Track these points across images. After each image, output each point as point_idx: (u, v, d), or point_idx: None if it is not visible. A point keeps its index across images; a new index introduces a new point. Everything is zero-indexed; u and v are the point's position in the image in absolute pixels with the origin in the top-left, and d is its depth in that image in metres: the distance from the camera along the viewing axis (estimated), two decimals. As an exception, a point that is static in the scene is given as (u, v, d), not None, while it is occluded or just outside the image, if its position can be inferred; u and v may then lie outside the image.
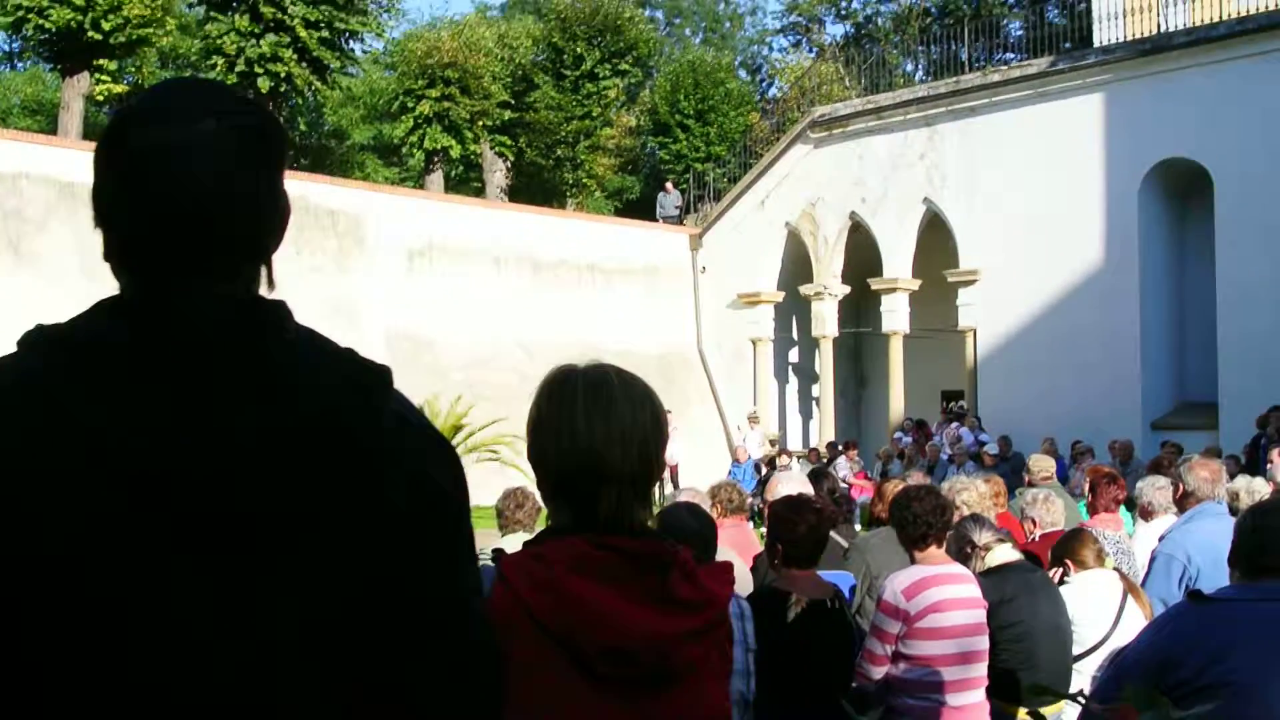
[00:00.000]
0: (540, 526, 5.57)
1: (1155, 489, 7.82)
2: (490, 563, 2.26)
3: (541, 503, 7.18)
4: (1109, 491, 8.02)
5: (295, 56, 27.48)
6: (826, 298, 27.70)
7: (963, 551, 5.58)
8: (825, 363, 28.15)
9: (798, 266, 28.28)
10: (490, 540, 7.16)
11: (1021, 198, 24.00)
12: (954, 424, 23.64)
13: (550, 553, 2.07)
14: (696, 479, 23.77)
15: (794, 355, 30.43)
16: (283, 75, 27.32)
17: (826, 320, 27.80)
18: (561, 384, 2.17)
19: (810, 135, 27.89)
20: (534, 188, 35.65)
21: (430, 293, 25.44)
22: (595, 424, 2.10)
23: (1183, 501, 6.81)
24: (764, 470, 23.88)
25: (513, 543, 6.92)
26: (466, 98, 32.25)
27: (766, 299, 28.81)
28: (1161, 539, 6.52)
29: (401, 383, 1.95)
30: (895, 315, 26.60)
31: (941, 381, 27.46)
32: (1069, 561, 6.10)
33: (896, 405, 26.42)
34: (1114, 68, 23.10)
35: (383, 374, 1.55)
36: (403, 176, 41.93)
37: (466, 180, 38.52)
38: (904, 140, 26.24)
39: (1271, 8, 21.79)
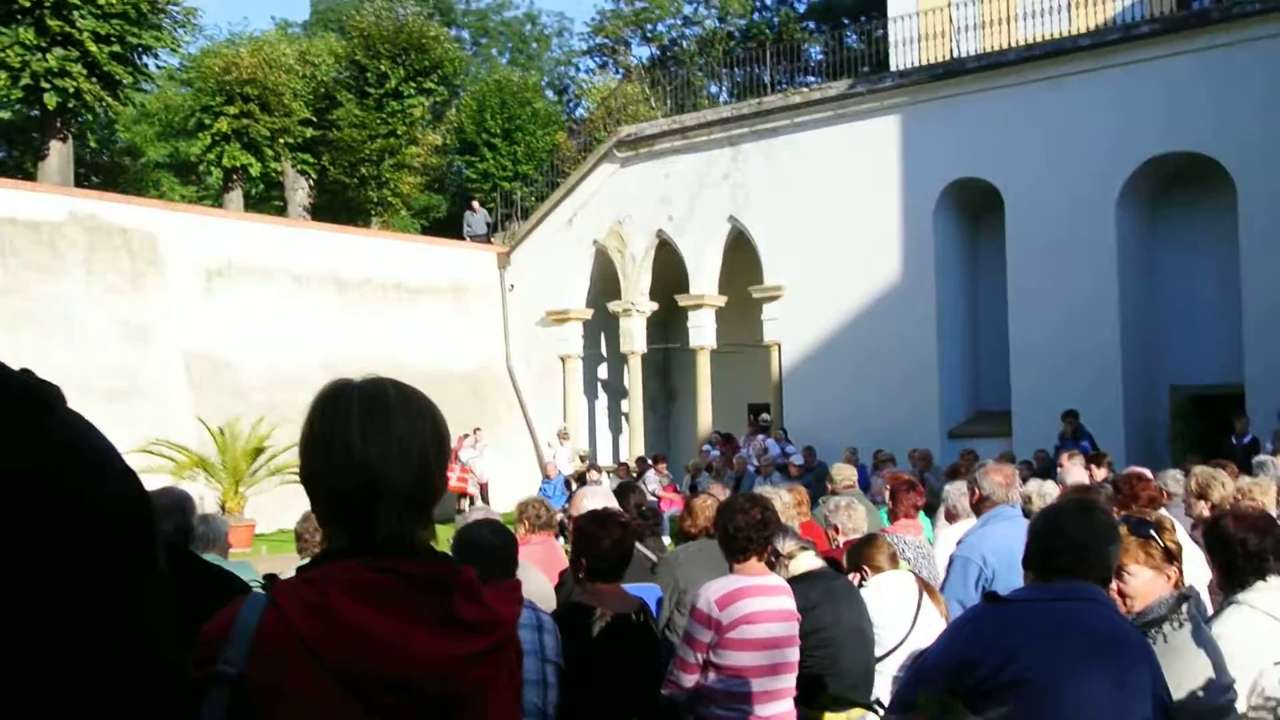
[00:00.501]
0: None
1: (959, 494, 8.01)
2: (262, 589, 2.13)
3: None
4: (908, 498, 8.21)
5: (85, 71, 26.37)
6: (634, 314, 27.84)
7: (767, 561, 5.51)
8: (634, 378, 28.30)
9: (606, 284, 28.38)
10: (291, 566, 6.98)
11: (823, 215, 24.48)
12: (760, 436, 23.97)
13: (325, 577, 1.96)
14: (507, 496, 23.63)
15: (603, 371, 30.50)
16: (71, 91, 26.19)
17: (635, 336, 27.95)
18: (335, 398, 2.05)
19: (617, 154, 28.03)
20: (338, 206, 35.00)
21: (230, 313, 24.69)
22: (371, 440, 2.00)
23: (979, 505, 6.92)
24: (574, 486, 23.91)
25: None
26: (267, 115, 31.53)
27: (575, 316, 28.83)
28: (959, 543, 6.67)
29: (201, 404, 1.86)
30: (702, 331, 26.85)
31: (748, 395, 27.77)
32: (865, 566, 6.17)
33: (704, 418, 26.64)
34: (909, 90, 23.82)
35: (45, 393, 1.43)
36: (201, 195, 40.82)
37: (268, 199, 37.64)
38: (709, 160, 26.55)
39: (1057, 35, 22.79)
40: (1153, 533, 4.01)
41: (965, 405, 23.85)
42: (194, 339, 24.07)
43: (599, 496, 6.52)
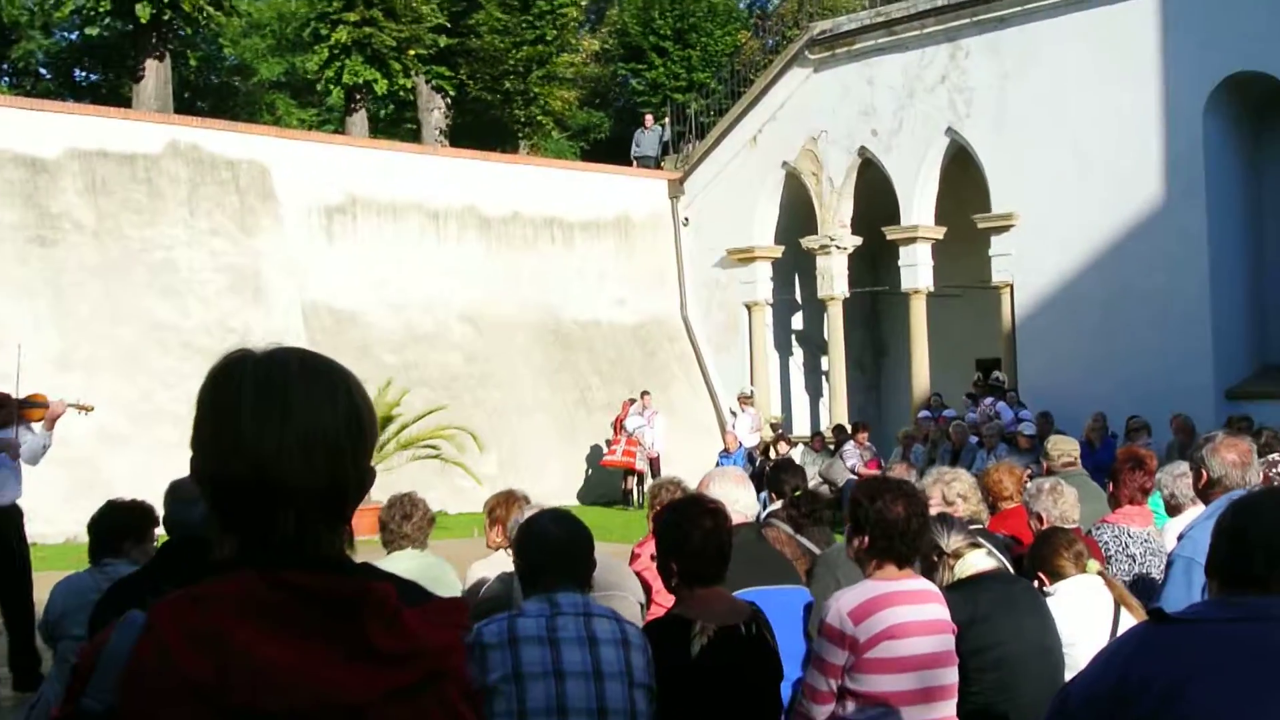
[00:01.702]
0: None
1: (1174, 477, 7.76)
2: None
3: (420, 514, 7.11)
4: (1134, 478, 7.97)
5: (182, -23, 27.23)
6: (834, 251, 27.80)
7: (928, 560, 5.49)
8: (835, 329, 28.29)
9: (799, 215, 28.37)
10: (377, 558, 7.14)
11: (1064, 124, 24.05)
12: (990, 399, 23.79)
13: (211, 594, 1.92)
14: (683, 472, 23.88)
15: (797, 321, 30.58)
16: (166, 1, 27.02)
17: (835, 278, 27.93)
18: (225, 375, 2.02)
19: (809, 56, 27.90)
20: (479, 128, 35.54)
21: (355, 257, 25.64)
22: (265, 425, 1.96)
23: (1206, 491, 6.51)
24: (758, 459, 24.05)
25: (399, 562, 7.00)
26: (392, 22, 32.04)
27: (762, 254, 28.94)
28: (1180, 538, 6.33)
29: None
30: (916, 270, 26.70)
31: (975, 348, 27.65)
32: (1041, 574, 6.09)
33: (921, 377, 26.60)
34: (1171, -38, 23.22)
35: None
36: (320, 119, 41.78)
37: (398, 121, 38.42)
38: (921, 59, 26.28)
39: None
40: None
41: (1247, 358, 23.27)
42: (313, 288, 24.95)
43: (727, 482, 6.39)
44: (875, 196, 27.14)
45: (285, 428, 1.97)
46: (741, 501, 6.28)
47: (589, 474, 27.12)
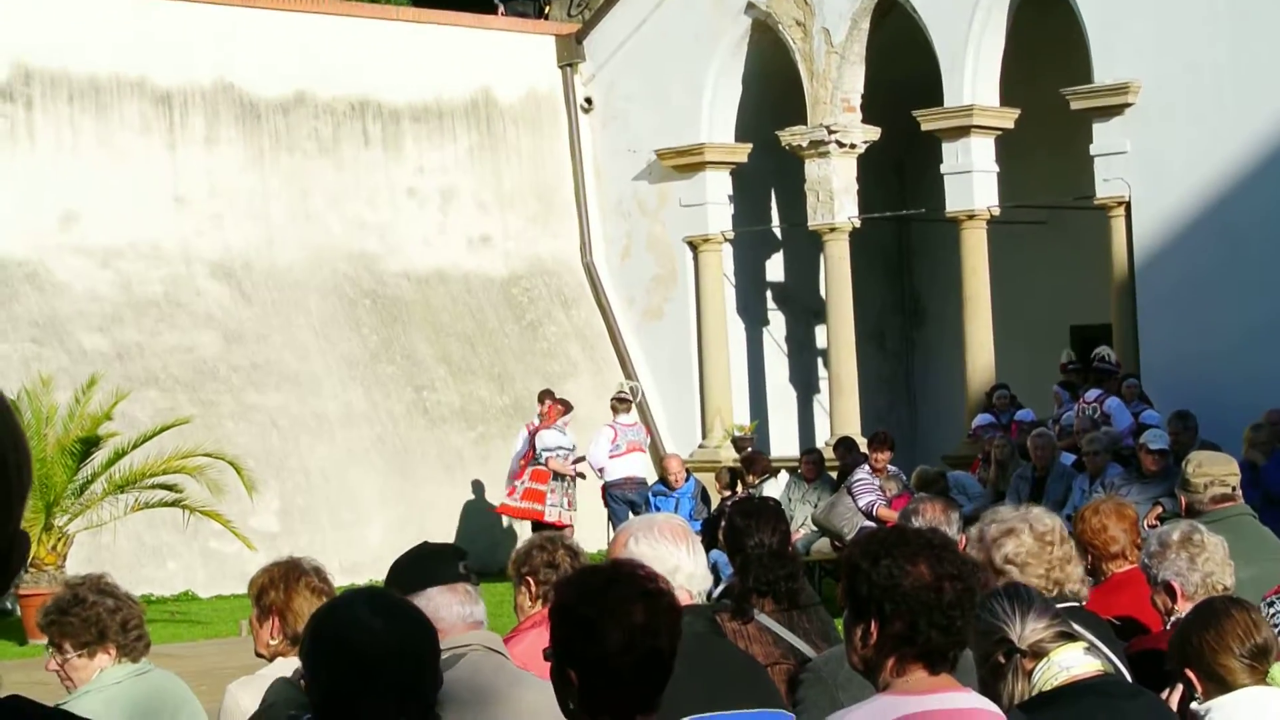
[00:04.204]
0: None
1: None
2: None
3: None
4: None
5: None
6: (835, 152, 27.64)
7: (990, 660, 5.56)
8: (838, 281, 28.22)
9: (776, 92, 28.33)
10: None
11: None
12: (1095, 392, 23.79)
13: None
14: (589, 518, 23.92)
15: (775, 268, 30.68)
16: None
17: (838, 197, 27.86)
18: None
19: None
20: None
21: (31, 173, 25.65)
22: None
23: None
24: (726, 494, 24.22)
25: (105, 682, 7.34)
26: None
27: (716, 159, 29.03)
28: None
29: None
30: (973, 181, 26.73)
31: (1070, 309, 28.02)
32: (1191, 673, 6.26)
33: (981, 356, 26.85)
34: None
35: None
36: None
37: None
38: None
39: None
40: None
41: None
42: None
43: (656, 535, 6.40)
44: (902, 60, 27.55)
45: None
46: (683, 571, 6.29)
47: (432, 524, 26.76)
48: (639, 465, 25.72)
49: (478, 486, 27.02)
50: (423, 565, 6.58)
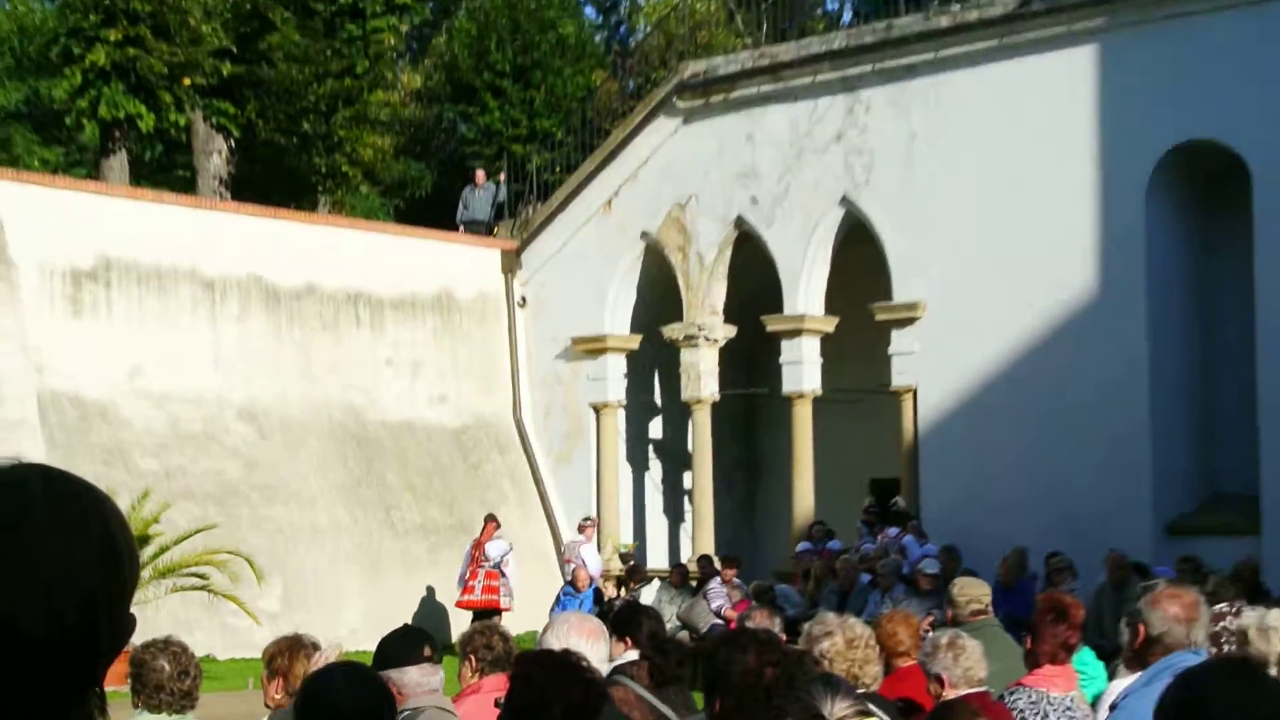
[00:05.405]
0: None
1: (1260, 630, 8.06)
2: None
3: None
4: (1055, 632, 7.99)
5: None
6: (702, 344, 28.15)
7: None
8: (701, 440, 28.57)
9: (661, 298, 28.77)
10: None
11: (981, 197, 24.55)
12: (892, 531, 24.16)
13: None
14: (519, 614, 23.93)
15: (656, 429, 30.97)
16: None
17: (703, 377, 28.23)
18: None
19: (678, 104, 28.34)
20: (270, 179, 35.37)
21: (106, 337, 25.47)
22: None
23: (1144, 652, 6.67)
24: (616, 596, 24.19)
25: None
26: (163, 43, 31.75)
27: (615, 346, 29.31)
28: (1113, 708, 6.58)
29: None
30: (802, 370, 27.07)
31: (871, 465, 28.02)
32: None
33: (804, 500, 26.90)
34: (1112, 8, 23.76)
35: None
36: (70, 160, 41.33)
37: (167, 167, 38.09)
38: (814, 113, 26.73)
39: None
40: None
41: (1193, 487, 23.80)
42: (53, 373, 24.63)
43: (573, 628, 6.60)
44: (754, 278, 27.60)
45: (22, 568, 1.88)
46: (591, 659, 6.17)
47: (396, 612, 26.86)
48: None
49: (431, 584, 26.78)
50: (400, 645, 6.78)
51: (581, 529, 27.23)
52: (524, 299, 30.38)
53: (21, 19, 41.29)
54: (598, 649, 6.60)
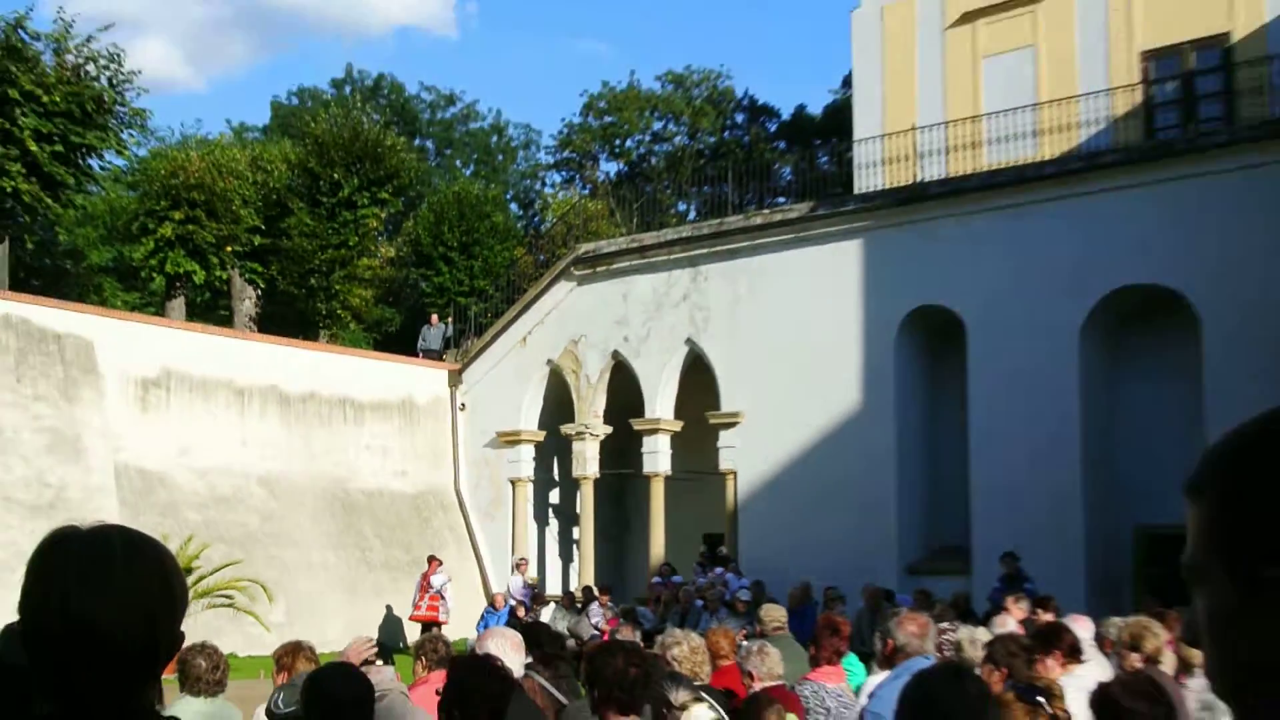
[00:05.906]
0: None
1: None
2: None
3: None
4: (831, 642, 8.21)
5: (24, 171, 26.51)
6: (588, 438, 28.07)
7: (659, 714, 5.55)
8: (586, 504, 28.44)
9: (560, 405, 28.63)
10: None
11: (782, 341, 24.78)
12: (719, 570, 23.98)
13: None
14: (455, 627, 23.77)
15: (555, 496, 30.63)
16: (9, 190, 26.43)
17: (588, 461, 28.15)
18: (54, 547, 2.03)
19: (574, 272, 28.46)
20: (286, 317, 35.18)
21: (166, 426, 25.17)
22: (91, 594, 1.96)
23: (892, 657, 6.85)
24: (525, 615, 23.84)
25: (191, 706, 6.90)
26: (214, 221, 31.80)
27: (527, 438, 29.06)
28: (871, 695, 6.66)
29: (130, 522, 2.06)
30: (657, 456, 27.13)
31: (704, 524, 27.70)
32: None
33: (658, 548, 26.72)
34: (872, 214, 24.23)
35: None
36: (143, 302, 40.92)
37: (213, 308, 37.81)
38: (668, 280, 26.94)
39: (1022, 162, 23.39)
40: (1040, 699, 3.90)
41: (924, 540, 23.95)
42: (126, 452, 24.29)
43: (498, 640, 6.49)
44: (624, 392, 27.49)
45: (108, 597, 1.97)
46: (512, 662, 6.30)
47: (368, 623, 26.47)
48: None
49: (391, 604, 26.39)
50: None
51: (517, 566, 26.77)
52: (464, 404, 30.06)
53: (112, 202, 40.92)
54: (519, 655, 6.63)
